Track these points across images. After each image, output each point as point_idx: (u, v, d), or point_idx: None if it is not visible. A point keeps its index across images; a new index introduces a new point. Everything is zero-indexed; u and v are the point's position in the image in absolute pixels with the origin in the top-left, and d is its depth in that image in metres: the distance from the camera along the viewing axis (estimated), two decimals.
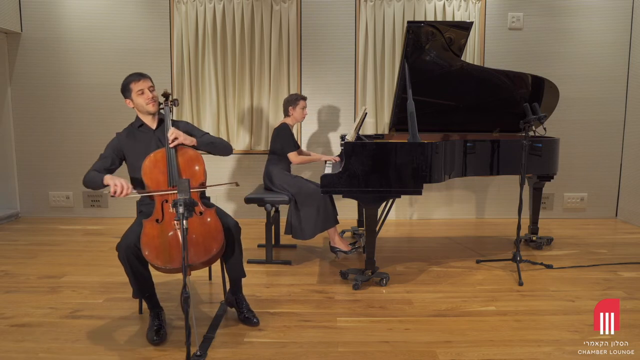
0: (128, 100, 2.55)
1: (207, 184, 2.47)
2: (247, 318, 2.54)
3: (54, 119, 4.85)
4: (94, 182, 2.37)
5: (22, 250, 3.88)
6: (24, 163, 4.92)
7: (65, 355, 2.22)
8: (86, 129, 4.84)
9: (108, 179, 2.30)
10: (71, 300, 2.85)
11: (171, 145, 2.40)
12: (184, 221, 1.98)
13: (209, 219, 2.35)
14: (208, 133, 2.67)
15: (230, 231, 2.44)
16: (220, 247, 2.31)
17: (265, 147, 4.86)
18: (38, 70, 4.79)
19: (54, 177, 4.93)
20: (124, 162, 2.58)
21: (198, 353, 2.14)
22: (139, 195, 2.42)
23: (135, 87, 2.50)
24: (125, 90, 2.53)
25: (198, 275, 3.14)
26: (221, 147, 2.61)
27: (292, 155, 3.66)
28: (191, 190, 2.27)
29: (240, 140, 4.89)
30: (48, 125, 4.86)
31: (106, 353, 2.24)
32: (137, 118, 2.59)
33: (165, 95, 2.54)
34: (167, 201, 2.33)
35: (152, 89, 2.53)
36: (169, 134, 2.41)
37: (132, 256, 2.27)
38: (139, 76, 2.52)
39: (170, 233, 2.26)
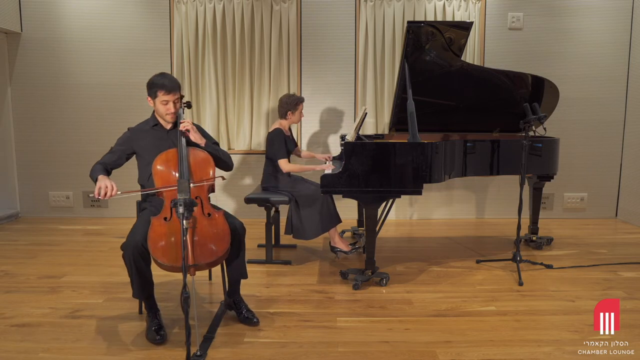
0: (149, 99, 2.55)
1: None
2: (247, 318, 2.54)
3: (54, 119, 4.85)
4: (93, 176, 2.39)
5: (22, 250, 3.88)
6: (24, 163, 4.92)
7: (65, 355, 2.22)
8: (86, 129, 4.85)
9: (100, 179, 2.31)
10: (71, 300, 2.84)
11: (182, 128, 2.42)
12: (184, 221, 1.99)
13: (217, 221, 2.36)
14: (218, 144, 2.69)
15: (237, 232, 2.45)
16: (226, 249, 2.33)
17: (264, 147, 4.85)
18: (38, 70, 4.79)
19: (54, 177, 4.93)
20: (132, 158, 2.60)
21: (198, 353, 2.14)
22: (125, 195, 2.39)
23: (163, 96, 2.49)
24: (151, 91, 2.52)
25: (198, 275, 3.11)
26: (224, 159, 2.61)
27: (283, 162, 3.57)
28: (192, 185, 2.32)
29: (240, 140, 4.89)
30: (48, 125, 4.86)
31: (106, 353, 2.24)
32: (153, 117, 2.62)
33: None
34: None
35: (177, 101, 2.52)
36: (182, 123, 2.44)
37: (138, 256, 2.27)
38: (170, 88, 2.48)
39: (179, 231, 2.26)
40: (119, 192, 2.30)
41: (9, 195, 4.93)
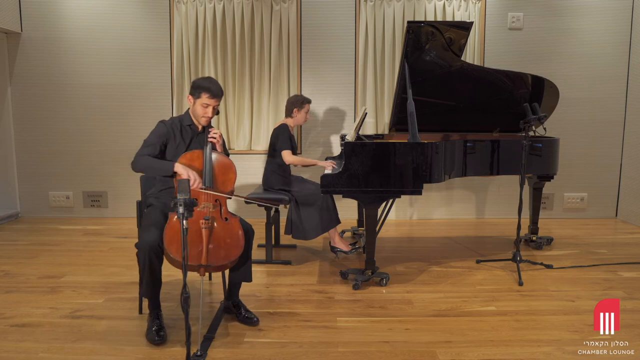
0: (190, 97, 2.59)
1: (246, 196, 2.56)
2: (247, 318, 2.55)
3: (54, 119, 4.85)
4: (156, 168, 2.42)
5: (22, 250, 3.89)
6: (24, 163, 4.92)
7: (65, 355, 2.22)
8: (86, 129, 4.84)
9: (180, 167, 2.37)
10: (71, 300, 2.85)
11: (210, 136, 2.50)
12: (184, 221, 1.99)
13: (233, 226, 2.40)
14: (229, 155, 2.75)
15: (247, 234, 2.47)
16: (239, 255, 2.38)
17: (265, 147, 4.85)
18: (38, 70, 4.79)
19: (54, 177, 4.92)
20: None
21: (198, 353, 2.15)
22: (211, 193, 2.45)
23: (206, 100, 2.53)
24: (196, 92, 2.56)
25: (199, 275, 3.14)
26: None
27: (286, 154, 3.55)
28: (223, 195, 2.42)
29: (240, 140, 4.89)
30: (48, 125, 4.85)
31: (106, 353, 2.24)
32: (188, 116, 2.64)
33: None
34: (196, 199, 2.36)
35: (216, 107, 2.59)
36: (213, 132, 2.51)
37: (153, 256, 2.27)
38: (215, 94, 2.54)
39: (195, 230, 2.29)
40: (202, 187, 2.37)
41: (9, 195, 4.93)
